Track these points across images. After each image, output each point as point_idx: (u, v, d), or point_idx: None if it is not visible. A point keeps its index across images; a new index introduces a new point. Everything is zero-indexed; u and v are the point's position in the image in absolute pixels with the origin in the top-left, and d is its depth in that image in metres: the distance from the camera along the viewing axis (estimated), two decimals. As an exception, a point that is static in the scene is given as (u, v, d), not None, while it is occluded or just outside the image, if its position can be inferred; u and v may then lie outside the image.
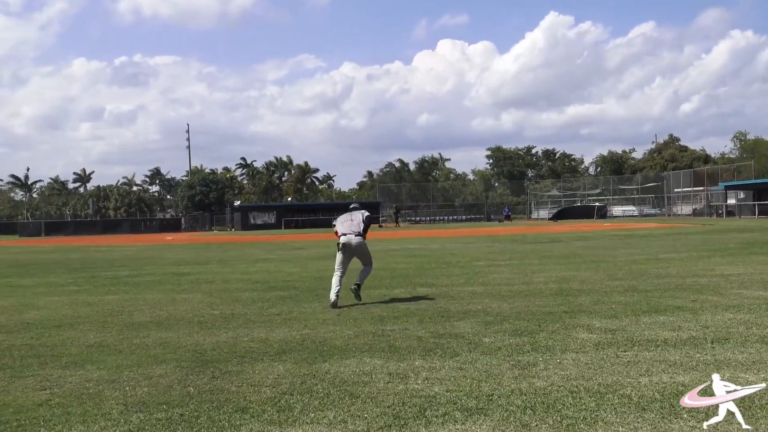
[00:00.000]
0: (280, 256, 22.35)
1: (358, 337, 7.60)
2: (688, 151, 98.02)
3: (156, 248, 32.48)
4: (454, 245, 26.34)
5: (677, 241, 24.72)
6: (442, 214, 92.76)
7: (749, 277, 12.06)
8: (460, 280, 13.05)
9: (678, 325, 7.66)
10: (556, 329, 7.66)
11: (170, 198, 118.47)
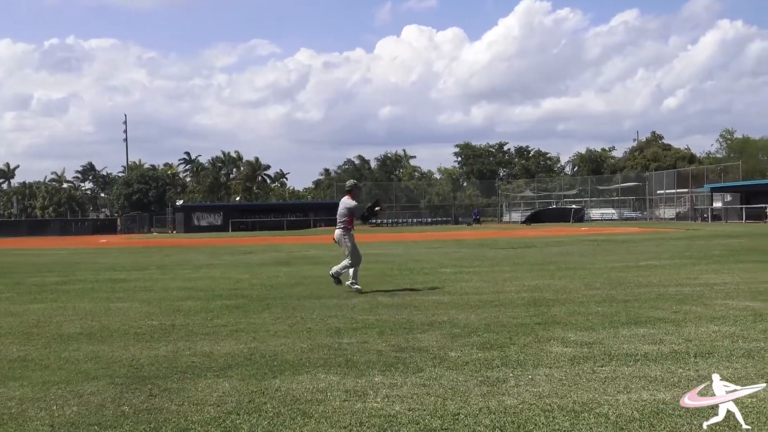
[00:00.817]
0: (226, 262, 22.21)
1: (312, 350, 7.58)
2: (671, 150, 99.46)
3: (88, 252, 32.08)
4: (418, 250, 26.40)
5: (659, 247, 25.05)
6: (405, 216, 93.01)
7: (735, 287, 12.27)
8: (425, 289, 13.07)
9: (659, 338, 7.75)
10: (529, 342, 7.71)
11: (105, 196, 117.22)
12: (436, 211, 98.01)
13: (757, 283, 12.71)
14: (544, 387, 5.90)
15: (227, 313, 10.49)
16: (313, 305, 11.13)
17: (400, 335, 8.34)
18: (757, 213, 58.14)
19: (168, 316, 10.40)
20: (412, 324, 9.12)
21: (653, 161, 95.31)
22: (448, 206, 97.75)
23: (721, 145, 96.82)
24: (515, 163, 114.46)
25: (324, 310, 10.56)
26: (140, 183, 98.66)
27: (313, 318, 9.86)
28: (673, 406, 5.25)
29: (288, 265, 20.18)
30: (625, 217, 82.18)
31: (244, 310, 10.79)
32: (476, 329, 8.59)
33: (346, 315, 10.08)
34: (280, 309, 10.81)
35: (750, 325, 8.52)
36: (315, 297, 12.23)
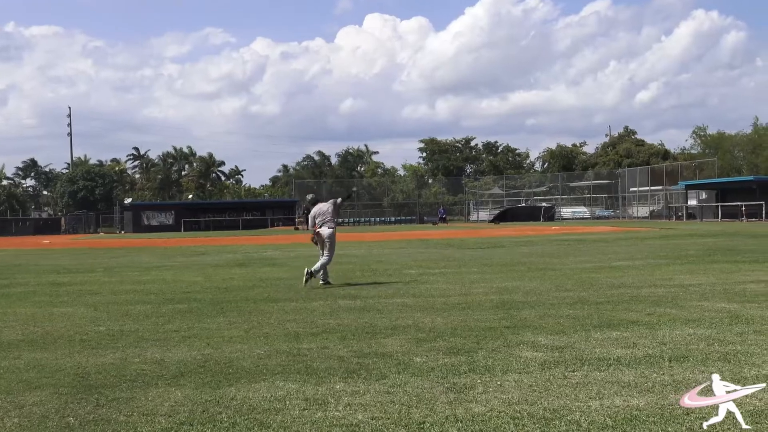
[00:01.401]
0: (178, 263, 22.07)
1: (269, 357, 7.56)
2: (645, 146, 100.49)
3: (30, 253, 31.70)
4: (381, 251, 26.42)
5: (632, 246, 25.31)
6: (367, 215, 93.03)
7: (711, 288, 12.42)
8: (389, 291, 13.10)
9: (632, 342, 7.83)
10: (497, 347, 7.75)
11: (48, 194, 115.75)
12: (400, 209, 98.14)
13: (733, 284, 12.89)
14: (513, 393, 5.93)
15: (179, 318, 10.42)
16: (270, 309, 11.10)
17: (362, 340, 8.34)
18: (732, 211, 58.92)
19: (116, 321, 10.32)
20: (375, 328, 9.12)
21: (626, 157, 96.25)
22: (413, 204, 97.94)
23: (695, 141, 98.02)
24: (483, 159, 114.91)
25: (282, 314, 10.54)
26: (86, 180, 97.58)
27: (270, 322, 9.83)
28: (647, 413, 5.31)
29: (244, 266, 20.11)
30: (597, 215, 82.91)
31: (198, 315, 10.73)
32: (442, 333, 8.62)
33: (306, 319, 10.06)
34: (235, 313, 10.77)
35: (726, 327, 8.63)
36: (272, 300, 12.20)
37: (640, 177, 78.58)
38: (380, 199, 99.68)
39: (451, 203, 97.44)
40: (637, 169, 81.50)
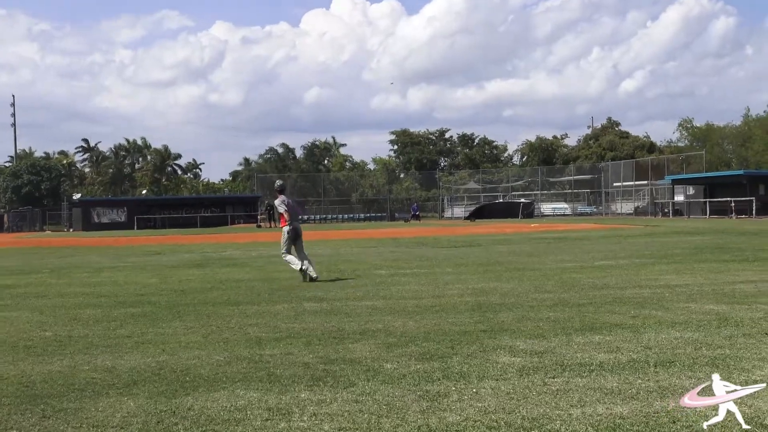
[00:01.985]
0: (131, 264, 21.94)
1: (229, 363, 7.54)
2: (629, 138, 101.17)
3: (-30, 253, 31.39)
4: (349, 250, 26.42)
5: (616, 245, 25.49)
6: (335, 211, 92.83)
7: (698, 289, 12.54)
8: (357, 293, 13.10)
9: (616, 346, 7.88)
10: (473, 352, 7.77)
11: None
12: (370, 205, 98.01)
13: (722, 285, 13.02)
14: (489, 401, 5.95)
15: (132, 323, 10.37)
16: (230, 312, 11.07)
17: (329, 345, 8.34)
18: (721, 207, 59.43)
19: (64, 326, 10.25)
20: (343, 333, 9.12)
21: (609, 150, 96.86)
22: (383, 200, 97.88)
23: (682, 134, 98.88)
24: (458, 152, 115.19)
25: (243, 318, 10.51)
26: (31, 174, 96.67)
27: (230, 327, 9.80)
28: (631, 421, 5.34)
29: (202, 267, 20.03)
30: (579, 212, 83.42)
31: (152, 319, 10.67)
32: (414, 338, 8.63)
33: (268, 323, 10.04)
34: (192, 317, 10.73)
35: (714, 330, 8.71)
36: (233, 303, 12.17)
37: (624, 171, 79.17)
38: (348, 195, 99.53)
39: (424, 199, 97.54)
40: (621, 163, 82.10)
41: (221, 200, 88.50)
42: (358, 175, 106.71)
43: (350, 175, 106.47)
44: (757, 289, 12.40)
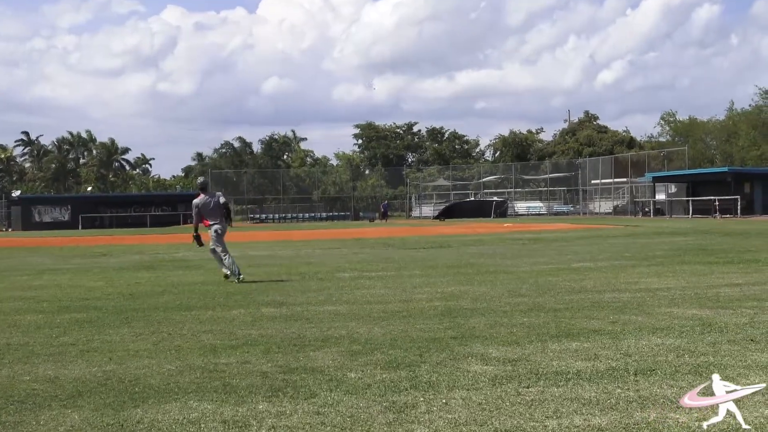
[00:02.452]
0: (76, 266, 21.79)
1: (182, 373, 7.50)
2: (608, 133, 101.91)
3: None
4: (311, 251, 26.39)
5: (594, 246, 25.64)
6: (295, 210, 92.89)
7: (681, 292, 12.63)
8: (319, 297, 13.09)
9: (594, 353, 7.92)
10: (442, 360, 7.79)
11: None
12: (333, 204, 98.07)
13: (705, 288, 13.13)
14: (460, 413, 5.96)
15: (77, 329, 10.29)
16: (183, 318, 11.02)
17: (289, 353, 8.32)
18: (705, 206, 59.95)
19: (2, 333, 10.15)
20: (304, 340, 9.11)
21: (587, 146, 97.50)
22: (347, 198, 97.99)
23: (664, 128, 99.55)
24: (427, 147, 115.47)
25: (196, 324, 10.47)
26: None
27: (183, 334, 9.76)
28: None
29: (152, 269, 19.93)
30: (555, 211, 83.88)
31: (98, 325, 10.60)
32: (380, 345, 8.63)
33: (224, 330, 10.01)
34: (142, 323, 10.67)
35: (697, 336, 8.77)
36: (185, 308, 12.12)
37: (602, 168, 79.63)
38: (309, 193, 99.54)
39: (391, 197, 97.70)
40: (599, 159, 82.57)
41: (173, 198, 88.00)
42: (320, 172, 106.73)
43: (312, 172, 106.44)
44: (742, 292, 12.52)
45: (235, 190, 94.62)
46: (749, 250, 21.95)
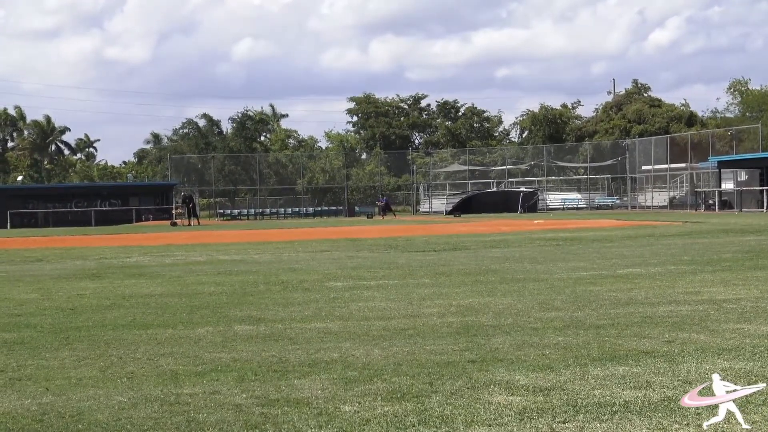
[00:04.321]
0: (4, 274, 21.80)
1: (135, 406, 7.51)
2: (662, 108, 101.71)
3: None
4: (295, 255, 26.40)
5: (646, 248, 25.64)
6: (275, 204, 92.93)
7: (753, 305, 12.65)
8: (305, 312, 13.11)
9: (646, 380, 7.93)
10: (458, 389, 7.80)
11: None
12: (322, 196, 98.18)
13: (784, 299, 13.15)
14: (480, 454, 5.98)
15: (5, 353, 10.31)
16: (136, 338, 11.03)
17: (268, 381, 8.34)
18: (783, 198, 59.88)
19: None
20: (287, 364, 9.12)
21: (637, 123, 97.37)
22: (339, 189, 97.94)
23: (733, 100, 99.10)
24: (437, 126, 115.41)
25: (154, 346, 10.48)
26: None
27: (137, 358, 9.77)
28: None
29: (99, 278, 19.93)
30: (596, 204, 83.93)
31: (32, 347, 10.61)
32: (381, 371, 8.64)
33: (188, 352, 10.02)
34: (86, 344, 10.68)
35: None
36: (139, 326, 12.12)
37: (655, 151, 79.51)
38: (293, 182, 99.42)
39: (393, 188, 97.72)
40: (651, 140, 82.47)
41: (123, 189, 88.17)
42: (306, 156, 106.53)
43: (295, 156, 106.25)
44: (830, 305, 12.53)
45: (201, 180, 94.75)
46: (838, 251, 21.96)
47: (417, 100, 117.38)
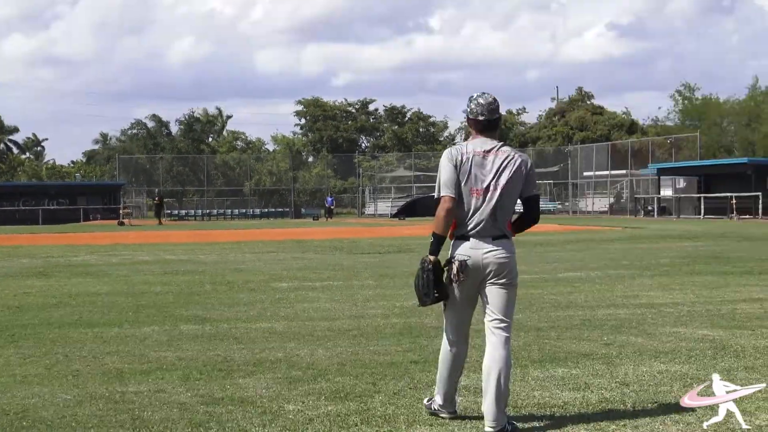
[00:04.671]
0: (-50, 272, 21.58)
1: (81, 404, 7.46)
2: (604, 115, 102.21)
3: None
4: (241, 256, 26.32)
5: (586, 252, 25.80)
6: (222, 205, 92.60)
7: (690, 308, 12.77)
8: (250, 312, 13.09)
9: (585, 382, 7.98)
10: (401, 389, 7.81)
11: None
12: (269, 198, 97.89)
13: (719, 303, 13.29)
14: (421, 453, 5.99)
15: (-50, 350, 10.21)
16: (82, 337, 10.96)
17: (213, 380, 8.31)
18: (720, 205, 60.37)
19: None
20: (232, 364, 9.10)
21: (579, 130, 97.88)
22: (286, 191, 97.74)
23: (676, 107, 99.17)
24: (384, 130, 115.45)
25: (99, 344, 10.42)
26: None
27: (82, 356, 9.70)
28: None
29: (45, 276, 19.76)
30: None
31: (-23, 345, 10.52)
32: (325, 371, 8.65)
33: (133, 351, 9.97)
34: (31, 342, 10.60)
35: (709, 362, 8.87)
36: (85, 324, 12.05)
37: (597, 157, 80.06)
38: (240, 184, 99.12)
39: (340, 190, 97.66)
40: (593, 147, 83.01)
41: (71, 189, 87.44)
42: (254, 159, 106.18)
43: (242, 158, 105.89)
44: (763, 309, 12.68)
45: (149, 180, 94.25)
46: (772, 258, 22.21)
47: (365, 104, 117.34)
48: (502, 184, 6.43)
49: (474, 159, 6.46)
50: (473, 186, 6.46)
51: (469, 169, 6.43)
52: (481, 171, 6.45)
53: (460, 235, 6.62)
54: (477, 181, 6.45)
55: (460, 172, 6.45)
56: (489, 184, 6.43)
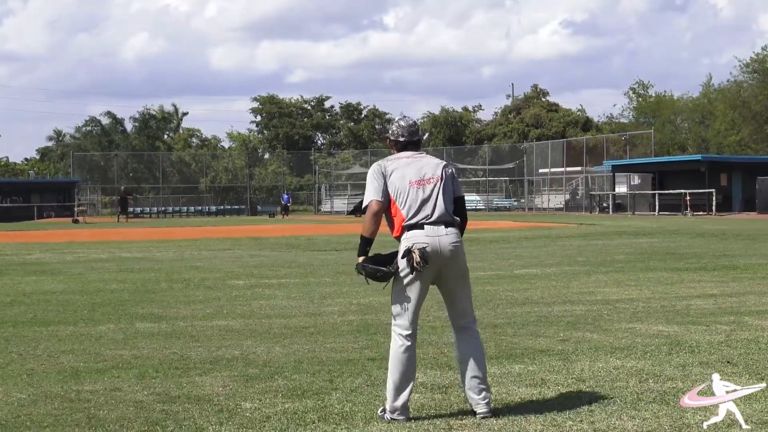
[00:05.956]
0: None
1: (35, 403, 7.41)
2: (559, 112, 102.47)
3: None
4: (197, 253, 26.23)
5: (542, 249, 25.89)
6: (178, 202, 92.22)
7: (645, 305, 12.85)
8: (207, 310, 13.06)
9: (541, 378, 8.01)
10: (358, 386, 7.81)
11: None
12: (225, 195, 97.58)
13: (674, 299, 13.38)
14: (379, 450, 5.99)
15: None
16: (37, 335, 10.89)
17: (169, 378, 8.27)
18: (674, 201, 60.72)
19: None
20: (188, 361, 9.07)
21: (534, 127, 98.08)
22: (242, 188, 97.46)
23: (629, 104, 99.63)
24: (340, 127, 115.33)
25: (54, 343, 10.35)
26: None
27: (37, 354, 9.64)
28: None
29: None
30: (494, 206, 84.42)
31: (-71, 344, 10.43)
32: (282, 368, 8.63)
33: (89, 349, 9.91)
34: None
35: (664, 358, 8.93)
36: (40, 323, 11.97)
37: (552, 154, 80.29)
38: (196, 181, 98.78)
39: (296, 187, 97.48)
40: (548, 144, 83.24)
41: (25, 186, 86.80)
42: (209, 156, 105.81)
43: (198, 155, 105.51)
44: (717, 305, 12.77)
45: (104, 177, 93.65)
46: (725, 254, 22.37)
47: (321, 101, 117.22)
48: (438, 175, 6.81)
49: (401, 161, 6.89)
50: (412, 179, 6.79)
51: (402, 169, 6.84)
52: (414, 167, 6.85)
53: (411, 226, 6.88)
54: (415, 175, 6.81)
55: (392, 177, 6.82)
56: (427, 176, 6.81)
